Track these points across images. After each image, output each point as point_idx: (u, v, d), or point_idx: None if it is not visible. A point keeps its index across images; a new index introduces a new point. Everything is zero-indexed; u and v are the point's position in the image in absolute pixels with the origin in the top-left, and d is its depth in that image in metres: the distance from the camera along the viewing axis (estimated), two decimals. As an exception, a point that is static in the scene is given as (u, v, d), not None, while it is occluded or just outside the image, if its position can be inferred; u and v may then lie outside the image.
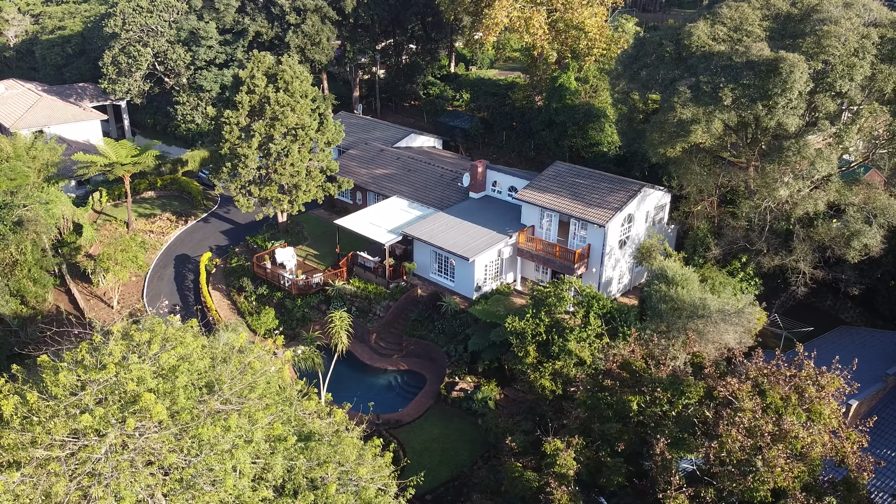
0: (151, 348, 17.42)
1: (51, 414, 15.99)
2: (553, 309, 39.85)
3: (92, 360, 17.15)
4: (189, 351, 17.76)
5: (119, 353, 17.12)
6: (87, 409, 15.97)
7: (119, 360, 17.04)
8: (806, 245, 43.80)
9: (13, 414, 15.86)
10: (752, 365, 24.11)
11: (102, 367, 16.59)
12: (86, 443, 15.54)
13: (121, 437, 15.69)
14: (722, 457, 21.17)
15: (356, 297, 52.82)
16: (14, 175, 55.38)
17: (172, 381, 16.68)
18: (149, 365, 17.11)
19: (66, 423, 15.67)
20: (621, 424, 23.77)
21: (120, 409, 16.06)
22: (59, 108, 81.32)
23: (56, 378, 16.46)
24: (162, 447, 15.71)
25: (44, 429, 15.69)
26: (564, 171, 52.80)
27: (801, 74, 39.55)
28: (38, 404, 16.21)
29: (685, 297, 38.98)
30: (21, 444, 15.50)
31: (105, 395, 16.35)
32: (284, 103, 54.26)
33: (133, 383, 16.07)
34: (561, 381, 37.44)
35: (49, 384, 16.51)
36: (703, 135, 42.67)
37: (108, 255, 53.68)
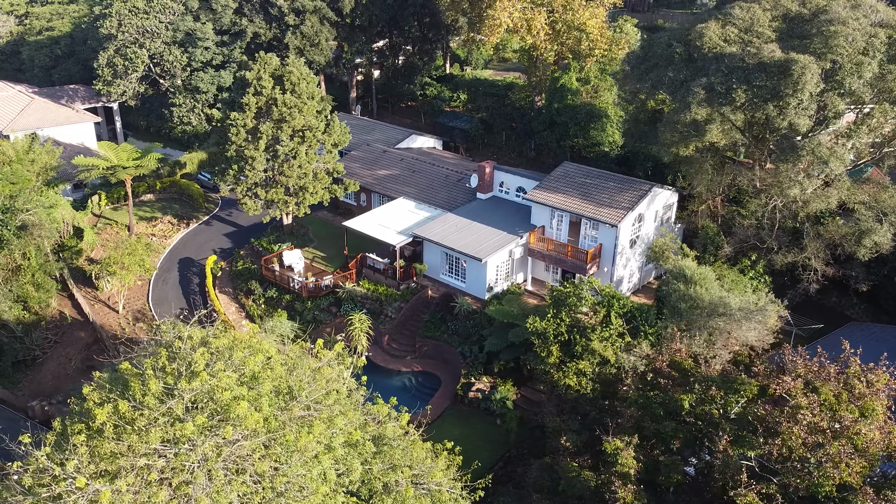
0: (236, 355, 17.33)
1: (146, 423, 15.85)
2: (574, 309, 40.11)
3: (173, 368, 17.00)
4: (269, 357, 17.71)
5: (203, 360, 17.01)
6: (179, 417, 15.86)
7: (203, 368, 16.92)
8: (817, 242, 44.47)
9: (106, 422, 15.71)
10: (801, 362, 24.54)
11: (194, 376, 16.46)
12: (181, 451, 15.44)
13: (216, 445, 15.60)
14: (784, 453, 21.56)
15: (367, 298, 52.74)
16: (16, 179, 54.62)
17: (257, 388, 16.61)
18: (234, 372, 17.01)
19: (162, 432, 15.56)
20: (675, 423, 24.09)
21: (209, 417, 15.97)
22: (52, 110, 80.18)
23: (146, 387, 16.31)
24: (253, 455, 15.65)
25: (140, 438, 15.55)
26: (573, 172, 53.11)
27: (811, 76, 40.16)
28: (132, 413, 16.05)
29: (704, 295, 39.42)
30: (119, 453, 15.35)
31: (197, 404, 16.24)
32: (292, 105, 54.03)
33: (227, 392, 15.95)
34: (587, 380, 37.73)
35: (136, 392, 16.35)
36: (717, 134, 43.17)
37: (114, 258, 53.12)
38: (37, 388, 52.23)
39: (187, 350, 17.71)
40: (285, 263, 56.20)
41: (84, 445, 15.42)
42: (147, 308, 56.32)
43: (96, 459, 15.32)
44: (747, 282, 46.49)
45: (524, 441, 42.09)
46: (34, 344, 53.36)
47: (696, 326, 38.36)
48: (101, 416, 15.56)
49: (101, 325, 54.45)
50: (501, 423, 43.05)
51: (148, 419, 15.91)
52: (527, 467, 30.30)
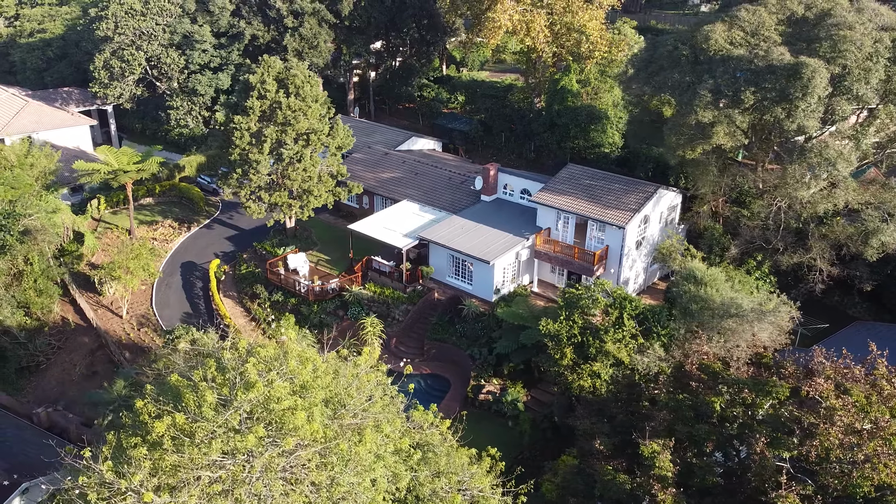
0: (289, 364, 17.32)
1: (206, 435, 15.80)
2: (586, 311, 40.35)
3: (225, 379, 16.96)
4: (318, 366, 17.73)
5: (255, 371, 16.99)
6: (235, 428, 15.84)
7: (257, 378, 16.89)
8: (823, 243, 44.98)
9: (164, 435, 15.64)
10: (830, 364, 24.87)
11: (249, 387, 16.43)
12: (241, 462, 15.42)
13: (276, 456, 15.60)
14: (821, 454, 21.85)
15: (373, 301, 52.76)
16: (17, 184, 54.17)
17: (310, 397, 16.63)
18: (286, 382, 17.01)
19: (222, 444, 15.53)
20: (708, 426, 24.35)
21: (265, 427, 15.96)
22: (47, 113, 79.55)
23: (201, 397, 16.25)
24: (310, 465, 15.66)
25: (200, 450, 15.50)
26: (578, 174, 53.37)
27: (821, 79, 40.64)
28: (190, 425, 15.99)
29: (715, 296, 39.78)
30: (181, 465, 15.30)
31: (253, 415, 16.22)
32: (296, 108, 53.92)
33: (284, 402, 15.94)
34: (601, 381, 38.00)
35: (191, 404, 16.30)
36: (723, 136, 43.55)
37: (119, 263, 52.78)
38: (41, 395, 51.86)
39: (237, 361, 17.66)
40: (290, 267, 56.07)
41: (147, 459, 15.33)
42: (151, 313, 56.01)
43: (158, 473, 15.26)
44: (752, 282, 46.93)
45: (536, 442, 42.30)
46: (38, 350, 52.99)
47: (708, 327, 38.70)
48: (160, 428, 15.48)
49: (106, 330, 54.08)
50: (514, 426, 43.23)
51: (207, 431, 15.86)
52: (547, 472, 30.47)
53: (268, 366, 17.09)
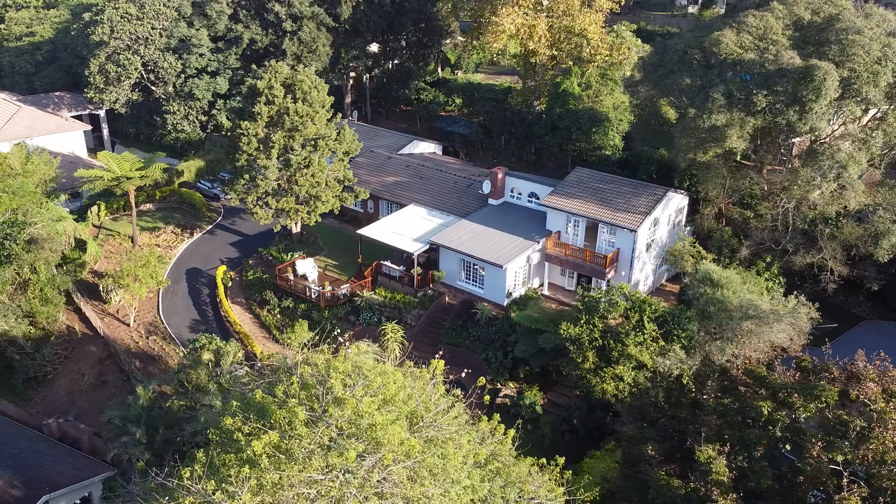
0: (374, 381, 17.34)
1: (305, 452, 15.79)
2: (606, 314, 40.71)
3: (310, 395, 16.97)
4: (397, 379, 17.80)
5: (340, 386, 17.02)
6: (327, 445, 15.86)
7: (347, 395, 16.92)
8: (834, 243, 45.75)
9: (263, 453, 15.59)
10: (872, 367, 25.39)
11: (340, 403, 16.45)
12: (338, 479, 15.46)
13: (372, 471, 15.65)
14: (877, 458, 22.33)
15: (385, 306, 52.79)
16: (22, 192, 53.48)
17: (395, 411, 16.69)
18: (373, 397, 17.06)
19: (322, 460, 15.55)
20: (758, 430, 24.75)
21: (359, 442, 15.99)
22: (41, 118, 78.57)
23: (292, 414, 16.24)
24: (403, 479, 15.75)
25: (299, 467, 15.49)
26: (587, 177, 53.76)
27: (832, 82, 41.34)
28: (287, 443, 15.95)
29: (732, 298, 40.31)
30: (281, 484, 15.29)
31: (344, 431, 16.24)
32: (304, 114, 53.80)
33: (378, 417, 15.96)
34: (624, 384, 38.40)
35: (280, 420, 16.28)
36: (737, 140, 44.12)
37: (127, 271, 52.29)
38: (50, 405, 51.28)
39: (319, 376, 17.64)
40: (298, 272, 55.89)
41: (253, 479, 15.28)
42: (158, 320, 55.56)
43: (260, 491, 15.22)
44: (763, 283, 47.61)
45: (557, 445, 42.56)
46: (45, 360, 52.36)
47: (727, 329, 39.23)
48: (259, 447, 15.44)
49: (113, 339, 53.55)
50: (533, 429, 43.48)
51: (304, 448, 15.86)
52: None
53: (350, 381, 17.11)
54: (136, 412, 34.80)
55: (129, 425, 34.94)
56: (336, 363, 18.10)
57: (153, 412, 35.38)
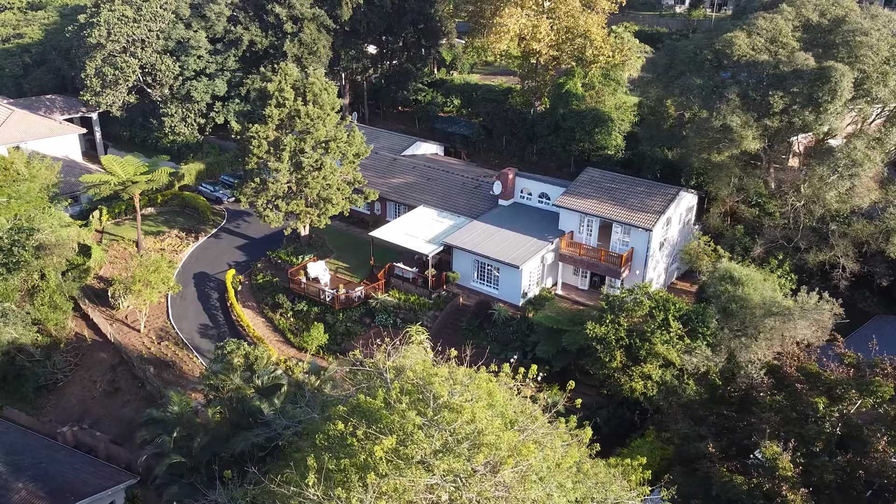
0: (479, 386, 17.41)
1: (422, 456, 15.82)
2: (631, 313, 41.15)
3: (409, 400, 17.01)
4: (491, 385, 17.94)
5: (444, 391, 17.09)
6: (440, 450, 15.92)
7: (451, 400, 17.00)
8: (846, 241, 46.66)
9: (382, 458, 15.58)
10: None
11: (453, 410, 16.50)
12: (454, 483, 15.55)
13: (487, 476, 15.75)
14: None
15: (400, 308, 52.80)
16: (30, 198, 52.75)
17: (501, 417, 16.81)
18: (479, 403, 17.17)
19: (445, 465, 15.60)
20: (816, 426, 25.25)
21: (469, 449, 16.07)
22: (35, 122, 77.50)
23: (403, 418, 16.28)
24: (514, 482, 15.88)
25: (419, 472, 15.52)
26: (598, 177, 54.23)
27: (848, 83, 42.19)
28: (405, 448, 15.96)
29: (753, 296, 40.98)
30: (403, 488, 15.32)
31: (456, 435, 16.31)
32: (315, 116, 53.67)
33: (487, 423, 16.07)
34: (652, 383, 38.86)
35: (392, 424, 16.28)
36: (752, 140, 44.82)
37: (138, 276, 51.73)
38: (62, 413, 50.61)
39: (418, 381, 17.69)
40: (310, 275, 55.72)
41: (377, 485, 15.27)
42: (169, 325, 55.05)
43: (381, 496, 15.22)
44: (775, 280, 48.39)
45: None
46: (55, 368, 51.66)
47: (750, 326, 39.87)
48: (380, 451, 15.44)
49: (125, 345, 52.93)
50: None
51: (423, 452, 15.90)
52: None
53: (454, 386, 17.19)
54: (173, 418, 34.50)
55: (165, 432, 34.58)
56: (435, 369, 18.19)
57: (187, 418, 35.12)
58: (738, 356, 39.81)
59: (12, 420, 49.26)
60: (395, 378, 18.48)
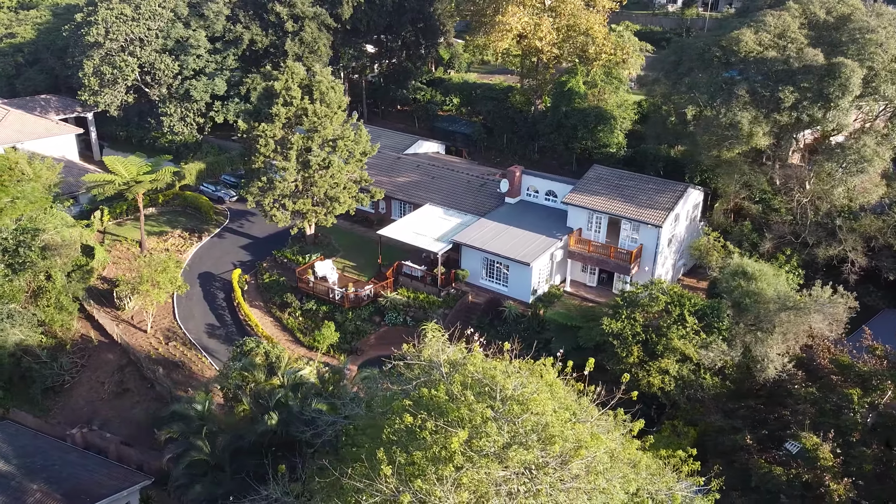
0: (544, 378, 17.42)
1: (495, 448, 15.80)
2: (647, 309, 41.37)
3: (473, 393, 16.98)
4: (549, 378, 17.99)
5: (509, 385, 17.10)
6: (508, 443, 15.93)
7: (515, 393, 17.00)
8: (854, 236, 47.15)
9: (457, 451, 15.53)
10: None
11: (521, 403, 16.50)
12: (526, 476, 15.57)
13: (557, 469, 15.76)
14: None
15: (409, 306, 52.77)
16: (34, 198, 52.19)
17: (565, 410, 16.86)
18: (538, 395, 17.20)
19: (520, 456, 15.60)
20: (852, 416, 25.54)
21: (539, 441, 16.08)
22: (31, 122, 76.66)
23: (472, 412, 16.24)
24: (582, 477, 15.90)
25: (495, 465, 15.51)
26: (606, 175, 54.47)
27: (857, 79, 42.65)
28: (478, 442, 15.92)
29: (767, 290, 41.31)
30: (480, 480, 15.28)
31: (525, 428, 16.31)
32: (323, 115, 53.51)
33: (555, 414, 16.10)
34: (669, 377, 39.08)
35: (459, 417, 16.23)
36: (762, 137, 45.18)
37: (146, 276, 51.30)
38: (70, 415, 50.07)
39: (478, 374, 17.68)
40: (318, 274, 55.54)
41: (453, 478, 15.19)
42: (176, 326, 54.67)
43: (458, 489, 15.19)
44: (784, 275, 48.79)
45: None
46: (62, 369, 51.10)
47: (765, 320, 40.17)
48: (455, 443, 15.38)
49: (132, 346, 52.48)
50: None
51: (494, 445, 15.89)
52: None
53: (517, 378, 17.19)
54: (199, 416, 34.27)
55: (189, 430, 34.35)
56: (493, 362, 18.20)
57: (211, 417, 34.91)
58: (754, 350, 40.19)
59: (20, 422, 48.75)
60: (450, 372, 18.47)
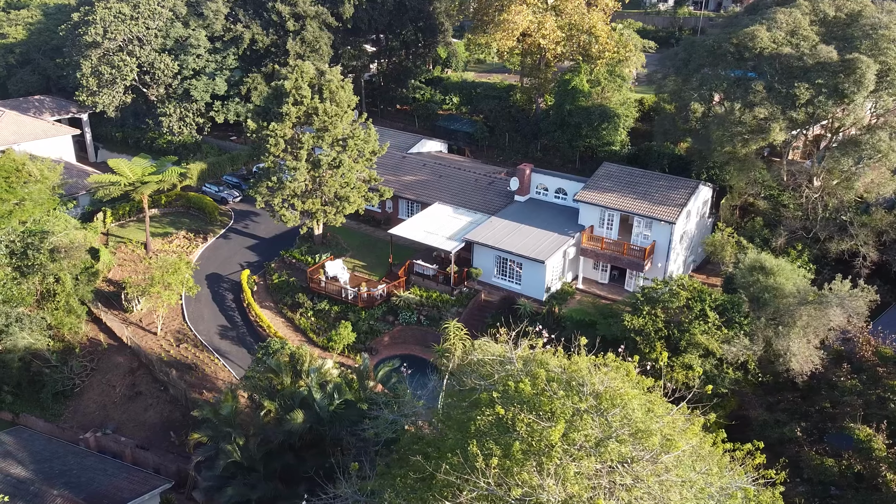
0: (630, 374, 17.42)
1: (594, 443, 15.78)
2: (668, 305, 41.54)
3: (559, 387, 16.96)
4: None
5: (597, 381, 17.09)
6: (600, 439, 15.93)
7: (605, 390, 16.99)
8: (866, 230, 47.70)
9: (556, 444, 15.49)
10: None
11: (610, 398, 16.48)
12: (626, 469, 15.58)
13: (649, 463, 15.79)
14: None
15: (423, 305, 52.61)
16: (42, 200, 51.48)
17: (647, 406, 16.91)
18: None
19: (618, 450, 15.60)
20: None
21: (631, 435, 16.08)
22: (27, 123, 75.63)
23: (564, 406, 16.21)
24: (672, 470, 15.91)
25: (595, 457, 15.49)
26: (617, 172, 54.66)
27: (872, 74, 43.16)
28: (577, 434, 15.88)
29: (786, 285, 41.67)
30: (584, 473, 15.24)
31: (614, 424, 16.29)
32: (333, 114, 53.26)
33: (646, 409, 16.10)
34: (692, 373, 39.26)
35: (554, 408, 16.17)
36: (779, 133, 45.56)
37: (158, 279, 50.74)
38: (82, 419, 49.47)
39: (560, 371, 17.66)
40: (329, 274, 55.25)
41: (555, 470, 15.16)
42: (186, 328, 54.11)
43: (561, 481, 15.13)
44: (796, 270, 49.24)
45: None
46: (73, 373, 50.47)
47: (786, 314, 40.51)
48: (556, 435, 15.31)
49: (143, 348, 51.87)
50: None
51: (589, 438, 15.87)
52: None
53: (598, 375, 17.21)
54: (229, 417, 33.93)
55: (218, 434, 34.00)
56: (576, 357, 18.20)
57: (238, 420, 34.59)
58: (775, 345, 40.54)
59: (31, 427, 48.07)
60: (525, 368, 18.44)
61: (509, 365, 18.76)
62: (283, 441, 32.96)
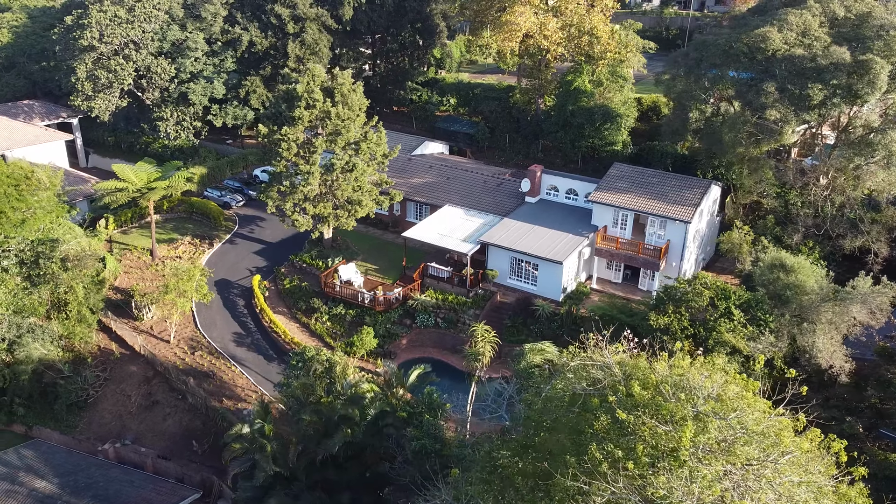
0: (740, 377, 17.58)
1: (727, 445, 15.98)
2: (692, 304, 42.00)
3: (673, 391, 17.06)
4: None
5: (708, 384, 17.23)
6: (728, 439, 16.11)
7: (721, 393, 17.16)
8: (878, 227, 48.67)
9: (686, 446, 15.59)
10: None
11: (723, 401, 16.62)
12: (749, 472, 15.77)
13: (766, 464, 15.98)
14: None
15: (440, 308, 52.59)
16: (51, 208, 50.53)
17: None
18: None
19: (743, 454, 15.78)
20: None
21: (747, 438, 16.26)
22: (19, 129, 74.26)
23: (684, 410, 16.30)
24: (786, 472, 16.13)
25: (724, 462, 15.64)
26: (629, 173, 55.10)
27: (885, 75, 44.04)
28: (701, 438, 15.98)
29: (807, 282, 42.39)
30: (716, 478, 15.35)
31: (738, 427, 16.44)
32: (346, 117, 53.01)
33: (759, 413, 16.27)
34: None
35: (675, 412, 16.27)
36: (792, 134, 46.28)
37: (172, 286, 50.07)
38: (98, 430, 48.66)
39: (666, 375, 17.78)
40: (342, 278, 54.97)
41: (687, 473, 15.29)
42: (199, 335, 53.49)
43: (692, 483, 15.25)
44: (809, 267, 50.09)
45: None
46: (86, 383, 49.62)
47: (810, 311, 41.21)
48: (686, 438, 15.40)
49: (157, 357, 51.16)
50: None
51: (714, 440, 16.02)
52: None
53: (711, 379, 17.36)
54: (268, 428, 33.61)
55: (254, 445, 33.65)
56: (681, 362, 18.36)
57: (271, 432, 34.26)
58: (799, 341, 41.24)
59: (46, 440, 47.19)
60: (626, 372, 18.57)
61: (608, 370, 18.87)
62: (325, 455, 32.78)
